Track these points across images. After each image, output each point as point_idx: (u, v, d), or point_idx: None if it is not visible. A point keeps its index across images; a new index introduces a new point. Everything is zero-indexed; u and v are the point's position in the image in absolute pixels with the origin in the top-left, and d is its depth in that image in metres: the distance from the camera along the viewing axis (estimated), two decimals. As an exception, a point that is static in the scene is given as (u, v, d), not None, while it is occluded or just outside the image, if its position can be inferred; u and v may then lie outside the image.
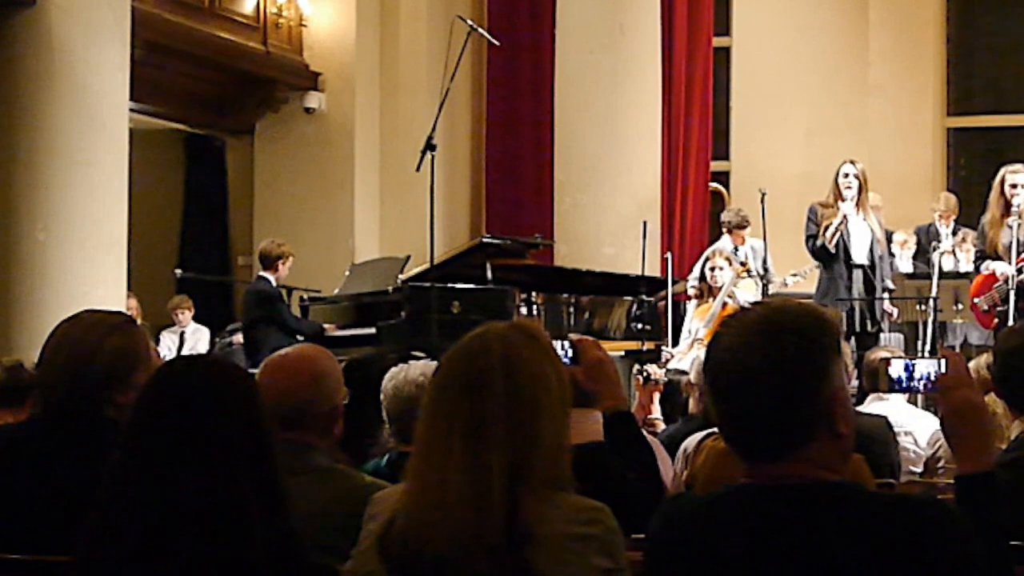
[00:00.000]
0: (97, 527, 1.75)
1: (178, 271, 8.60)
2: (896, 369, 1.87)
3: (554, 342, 2.52)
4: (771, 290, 7.70)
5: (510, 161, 9.71)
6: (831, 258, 7.02)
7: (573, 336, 2.61)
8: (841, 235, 6.99)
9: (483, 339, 1.81)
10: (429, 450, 1.76)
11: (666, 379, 5.07)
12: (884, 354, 4.11)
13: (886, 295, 7.16)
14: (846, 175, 7.03)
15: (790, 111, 10.33)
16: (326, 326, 7.24)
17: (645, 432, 2.94)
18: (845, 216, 6.98)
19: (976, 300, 6.89)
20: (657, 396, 5.01)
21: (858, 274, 7.06)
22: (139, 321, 8.04)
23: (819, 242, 7.01)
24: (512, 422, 1.73)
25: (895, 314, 7.37)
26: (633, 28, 8.98)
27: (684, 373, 4.90)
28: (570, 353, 2.55)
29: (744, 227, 8.14)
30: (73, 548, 1.79)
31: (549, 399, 1.78)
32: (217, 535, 1.70)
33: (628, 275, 7.96)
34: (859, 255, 7.06)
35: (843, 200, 7.01)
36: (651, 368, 5.49)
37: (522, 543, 1.69)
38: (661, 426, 4.79)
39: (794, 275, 7.72)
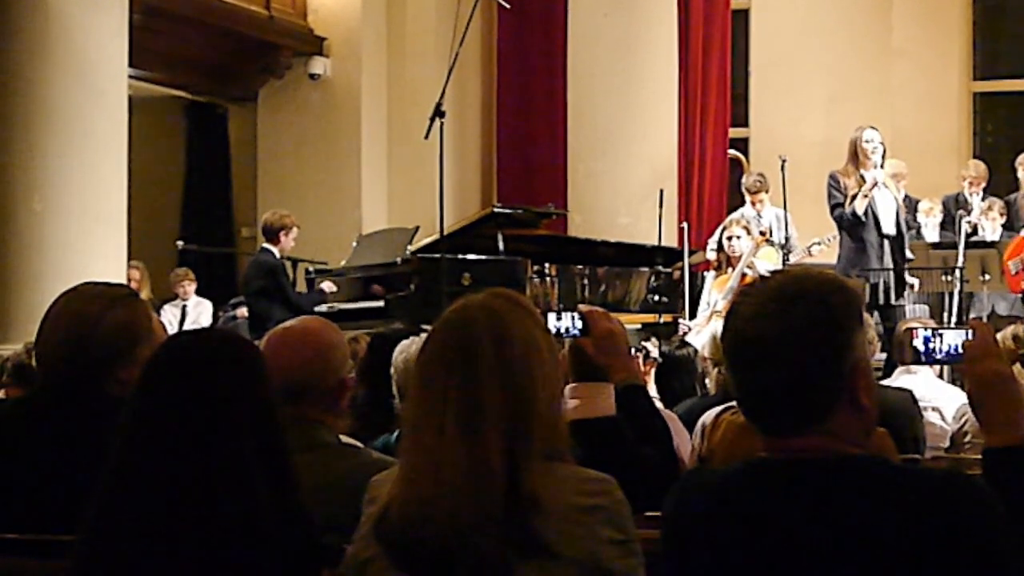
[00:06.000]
0: (101, 506, 1.71)
1: (180, 243, 8.60)
2: (921, 340, 1.82)
3: (565, 314, 2.41)
4: (793, 259, 7.56)
5: (522, 128, 9.71)
6: (860, 226, 6.85)
7: (583, 307, 2.57)
8: (869, 203, 6.83)
9: (466, 310, 1.76)
10: (421, 429, 1.71)
11: (659, 357, 4.92)
12: (913, 324, 4.01)
13: (906, 265, 7.04)
14: (869, 140, 6.91)
15: (811, 76, 10.18)
16: (324, 287, 7.10)
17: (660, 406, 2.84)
18: (876, 181, 6.81)
19: (1009, 263, 6.79)
20: (652, 373, 4.86)
21: (887, 244, 6.96)
22: (144, 289, 8.03)
23: (849, 210, 6.83)
24: (506, 391, 1.69)
25: (916, 285, 7.23)
26: (648, -10, 8.85)
27: (688, 346, 4.75)
28: (579, 325, 2.51)
29: (760, 191, 8.00)
30: (75, 527, 1.75)
31: (541, 364, 1.74)
32: (225, 513, 1.67)
33: (644, 245, 7.92)
34: (887, 225, 6.96)
35: (870, 166, 6.89)
36: (648, 345, 5.42)
37: (527, 513, 1.64)
38: (659, 404, 4.66)
39: (817, 243, 7.57)
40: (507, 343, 1.71)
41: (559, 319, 2.46)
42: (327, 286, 7.16)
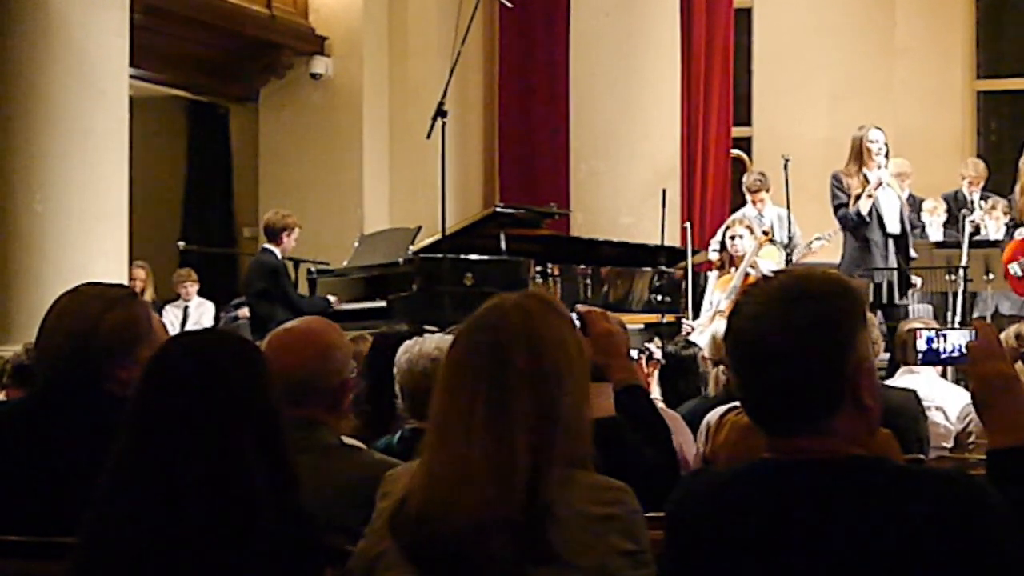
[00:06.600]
0: (101, 507, 1.72)
1: (181, 243, 8.55)
2: (925, 340, 1.82)
3: None
4: (796, 254, 7.54)
5: (524, 128, 9.68)
6: (864, 226, 6.84)
7: (580, 308, 2.56)
8: (873, 203, 6.81)
9: (499, 310, 1.75)
10: (447, 426, 1.70)
11: (663, 358, 4.90)
12: (916, 325, 3.99)
13: (910, 264, 7.04)
14: (874, 140, 6.91)
15: (814, 75, 10.15)
16: (331, 298, 7.08)
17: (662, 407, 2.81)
18: (880, 181, 6.80)
19: (1010, 266, 6.78)
20: (655, 375, 4.83)
21: (891, 243, 6.95)
22: (149, 291, 7.98)
23: (853, 210, 6.82)
24: (535, 395, 1.68)
25: (919, 284, 7.22)
26: (651, -12, 8.81)
27: (692, 346, 4.73)
28: (577, 325, 2.43)
29: (760, 190, 7.97)
30: (75, 529, 1.75)
31: (571, 370, 1.73)
32: (225, 514, 1.67)
33: (647, 245, 7.87)
34: (891, 224, 6.94)
35: (873, 165, 6.90)
36: (651, 346, 5.40)
37: (542, 521, 1.64)
38: (660, 405, 4.63)
39: (818, 238, 7.55)
40: (539, 347, 1.70)
41: None
42: (333, 299, 7.13)
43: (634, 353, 4.60)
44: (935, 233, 8.22)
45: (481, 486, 1.64)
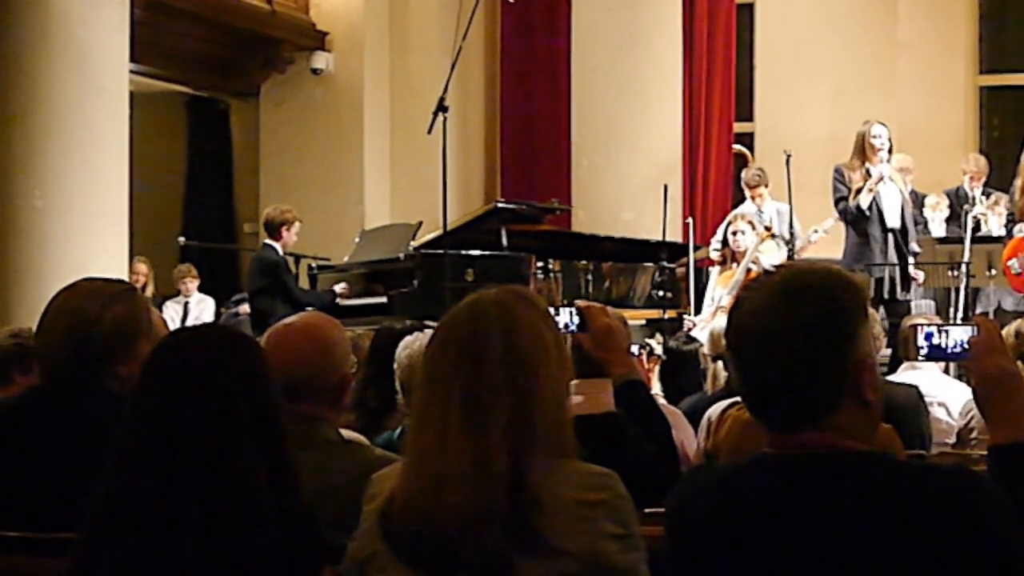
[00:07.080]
0: (101, 503, 1.72)
1: (181, 239, 8.54)
2: (927, 336, 1.82)
3: (563, 309, 2.39)
4: (797, 245, 7.53)
5: (525, 123, 9.68)
6: (864, 220, 6.83)
7: (580, 303, 2.57)
8: (874, 197, 6.80)
9: (477, 305, 1.76)
10: (427, 421, 1.72)
11: (663, 354, 4.89)
12: (919, 321, 4.00)
13: (911, 259, 7.01)
14: (877, 136, 6.90)
15: (816, 70, 10.14)
16: (337, 288, 7.08)
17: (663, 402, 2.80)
18: (882, 176, 6.79)
19: (1009, 263, 6.77)
20: (656, 370, 4.83)
21: (891, 238, 6.93)
22: (150, 287, 7.97)
23: (852, 204, 6.81)
24: (511, 386, 1.69)
25: (920, 278, 7.22)
26: (653, -17, 8.79)
27: (693, 342, 4.72)
28: (577, 320, 2.49)
29: (758, 185, 7.96)
30: (76, 525, 1.76)
31: (548, 362, 1.74)
32: (225, 511, 1.68)
33: (648, 241, 7.88)
34: (892, 218, 6.94)
35: (876, 160, 6.89)
36: (652, 342, 5.41)
37: (529, 510, 1.65)
38: (661, 400, 4.63)
39: (816, 230, 7.54)
40: (514, 338, 1.71)
41: (557, 314, 2.44)
42: (341, 287, 7.12)
43: (634, 349, 4.58)
44: (937, 229, 8.22)
45: (462, 480, 1.65)
